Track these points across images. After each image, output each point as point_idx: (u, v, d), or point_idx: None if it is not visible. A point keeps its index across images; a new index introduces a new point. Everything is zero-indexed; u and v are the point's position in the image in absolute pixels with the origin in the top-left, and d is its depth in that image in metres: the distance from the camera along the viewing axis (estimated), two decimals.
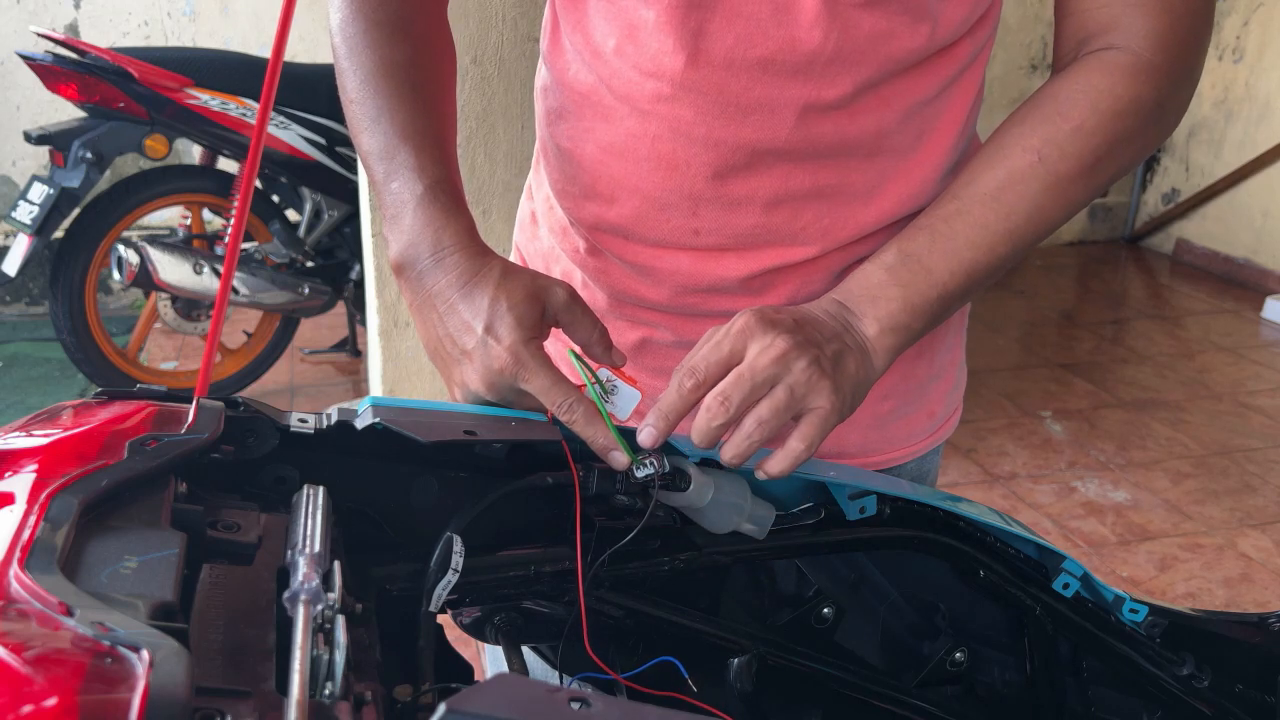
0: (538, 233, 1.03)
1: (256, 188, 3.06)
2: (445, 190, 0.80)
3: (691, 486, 0.71)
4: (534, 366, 0.72)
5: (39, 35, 2.80)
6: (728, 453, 0.72)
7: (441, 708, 0.38)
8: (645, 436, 0.71)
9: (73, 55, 2.78)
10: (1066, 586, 0.82)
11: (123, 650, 0.39)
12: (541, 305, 0.75)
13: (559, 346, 0.79)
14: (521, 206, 1.09)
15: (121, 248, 2.88)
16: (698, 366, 0.71)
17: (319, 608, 0.46)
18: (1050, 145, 0.80)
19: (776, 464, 0.72)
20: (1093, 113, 0.80)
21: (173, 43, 3.84)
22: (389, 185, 0.80)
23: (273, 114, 2.75)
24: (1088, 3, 0.82)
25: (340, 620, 0.47)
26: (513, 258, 1.07)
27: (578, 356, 0.76)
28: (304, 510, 0.56)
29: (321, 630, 0.46)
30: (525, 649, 0.73)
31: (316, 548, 0.52)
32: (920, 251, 0.80)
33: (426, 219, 0.78)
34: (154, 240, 2.97)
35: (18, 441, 0.57)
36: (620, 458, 0.71)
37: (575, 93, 0.90)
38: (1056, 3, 0.85)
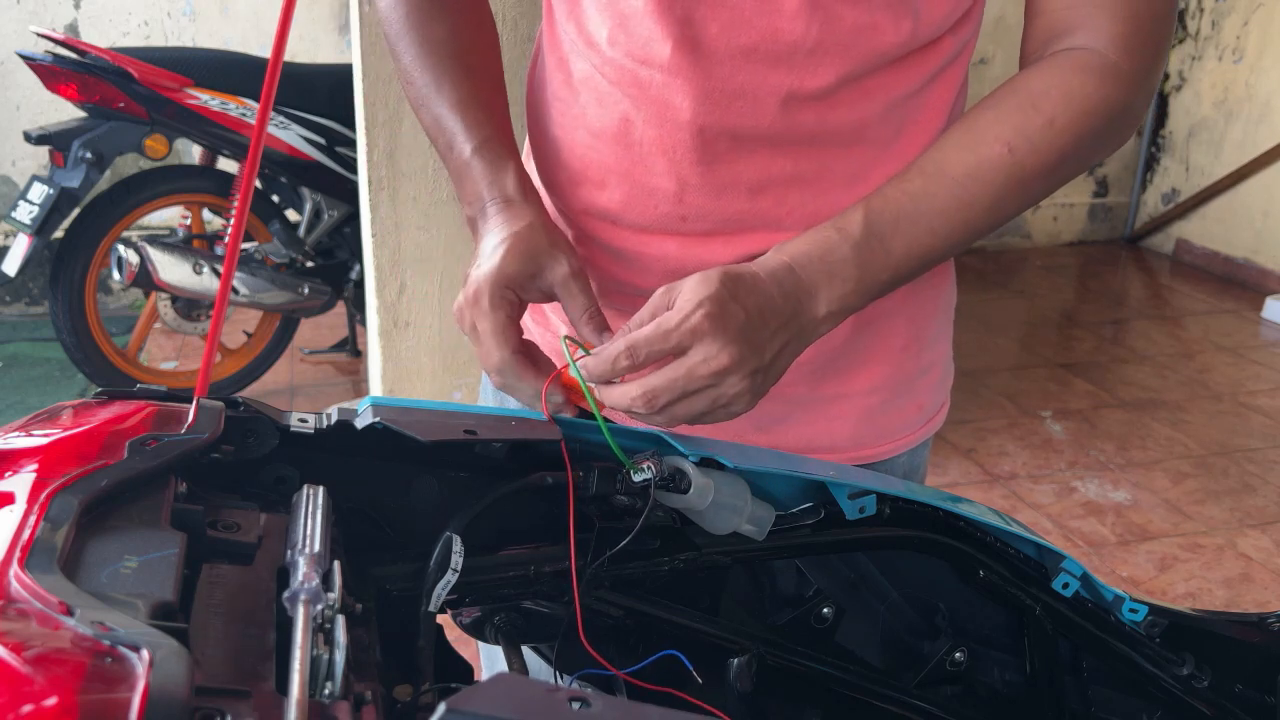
0: None
1: (256, 188, 3.06)
2: (490, 149, 0.87)
3: (691, 489, 0.71)
4: (487, 307, 0.77)
5: (39, 35, 2.79)
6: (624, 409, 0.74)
7: (441, 708, 0.38)
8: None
9: (73, 55, 2.78)
10: (1066, 586, 0.82)
11: (123, 650, 0.39)
12: (537, 267, 0.79)
13: (550, 339, 0.79)
14: None
15: (121, 248, 2.88)
16: (638, 349, 0.72)
17: (319, 608, 0.46)
18: (1021, 137, 0.81)
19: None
20: (1065, 109, 0.81)
21: (173, 43, 3.84)
22: (450, 155, 0.89)
23: (273, 114, 2.75)
24: (1056, 2, 0.83)
25: (340, 620, 0.47)
26: None
27: (567, 340, 0.77)
28: (304, 510, 0.56)
29: (321, 630, 0.46)
30: (525, 649, 0.73)
31: (316, 548, 0.52)
32: (885, 230, 0.80)
33: (475, 178, 0.86)
34: (154, 240, 2.97)
35: (18, 441, 0.57)
36: (545, 415, 0.74)
37: (570, 81, 0.92)
38: (1027, 2, 0.87)
